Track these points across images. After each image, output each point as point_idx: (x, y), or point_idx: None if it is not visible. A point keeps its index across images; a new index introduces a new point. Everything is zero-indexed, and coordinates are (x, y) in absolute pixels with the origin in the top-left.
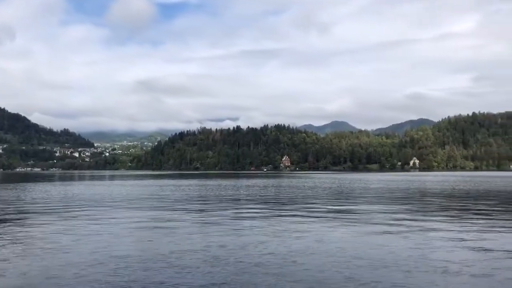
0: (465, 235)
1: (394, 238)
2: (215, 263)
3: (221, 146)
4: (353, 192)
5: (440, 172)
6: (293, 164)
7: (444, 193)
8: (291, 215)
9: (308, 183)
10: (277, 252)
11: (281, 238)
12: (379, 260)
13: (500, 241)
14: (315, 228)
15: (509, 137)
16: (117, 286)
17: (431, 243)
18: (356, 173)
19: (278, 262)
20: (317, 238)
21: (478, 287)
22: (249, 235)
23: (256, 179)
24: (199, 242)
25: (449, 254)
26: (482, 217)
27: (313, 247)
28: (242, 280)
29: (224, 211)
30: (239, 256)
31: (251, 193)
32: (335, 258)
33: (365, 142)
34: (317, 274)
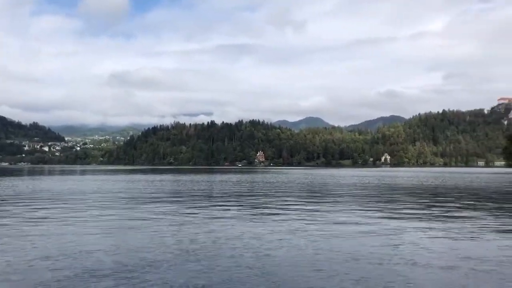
0: (434, 229)
1: (365, 231)
2: (187, 257)
3: (195, 141)
4: (325, 187)
5: (411, 168)
6: (267, 160)
7: (413, 189)
8: (264, 210)
9: (282, 179)
10: (250, 246)
11: (254, 232)
12: (350, 253)
13: (467, 235)
14: (288, 222)
15: (477, 134)
16: (87, 281)
17: (401, 236)
18: (329, 169)
19: (251, 256)
20: (290, 231)
21: (445, 278)
22: (222, 230)
23: (230, 174)
24: (171, 237)
25: (418, 247)
26: (450, 212)
27: (285, 241)
28: (215, 273)
29: (197, 206)
30: (211, 250)
31: (225, 188)
32: (307, 251)
33: (338, 138)
34: (289, 267)
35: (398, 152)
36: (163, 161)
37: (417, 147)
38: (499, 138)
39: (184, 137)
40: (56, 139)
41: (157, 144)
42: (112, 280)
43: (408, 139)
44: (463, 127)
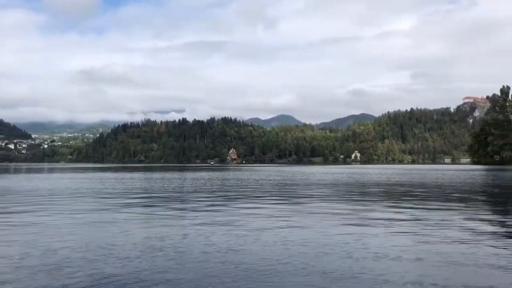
0: (402, 224)
1: (334, 226)
2: (156, 253)
3: (166, 139)
4: (296, 184)
5: (380, 165)
6: (239, 157)
7: (381, 185)
8: (235, 207)
9: (254, 176)
10: (220, 242)
11: (224, 228)
12: (319, 247)
13: (433, 228)
14: (257, 218)
15: (443, 132)
16: (54, 278)
17: (370, 231)
18: (301, 166)
19: (221, 251)
20: (259, 227)
21: (415, 269)
22: (192, 227)
23: (202, 172)
24: (140, 234)
25: (388, 241)
26: (417, 207)
27: (255, 236)
28: (183, 268)
29: (167, 204)
30: (180, 246)
31: (196, 185)
32: (275, 246)
33: (309, 136)
34: (258, 261)
35: (368, 150)
36: (134, 158)
37: (386, 144)
38: (464, 136)
39: (155, 135)
40: (22, 137)
41: (127, 142)
42: (78, 277)
43: (378, 137)
44: (430, 125)
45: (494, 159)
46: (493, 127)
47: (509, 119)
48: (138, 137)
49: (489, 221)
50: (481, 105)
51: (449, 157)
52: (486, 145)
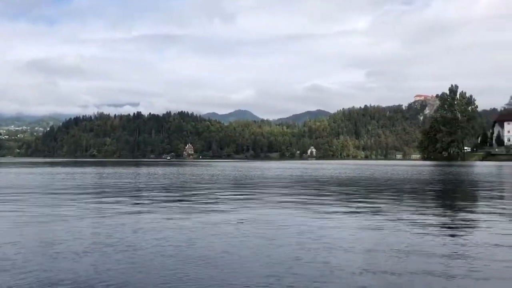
0: (354, 216)
1: (289, 218)
2: (105, 249)
3: (120, 133)
4: (251, 179)
5: (334, 161)
6: (196, 152)
7: (335, 179)
8: (189, 202)
9: (209, 171)
10: (172, 236)
11: (178, 223)
12: (272, 239)
13: (384, 220)
14: (212, 212)
15: (395, 129)
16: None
17: (323, 223)
18: (258, 161)
19: (174, 245)
20: (214, 222)
21: (365, 258)
22: (144, 222)
23: (157, 167)
24: (89, 230)
25: (340, 233)
26: (367, 200)
27: (208, 230)
28: (135, 263)
29: (119, 200)
30: (131, 241)
31: (151, 181)
32: (228, 238)
33: (267, 132)
34: (209, 253)
35: (323, 145)
36: (86, 153)
37: (341, 140)
38: (415, 132)
39: (109, 129)
40: None
41: (80, 136)
42: (20, 274)
43: (333, 133)
44: (383, 122)
45: (442, 155)
46: (442, 124)
47: (457, 117)
48: (90, 131)
49: (434, 213)
50: (431, 103)
51: (400, 153)
52: (435, 141)
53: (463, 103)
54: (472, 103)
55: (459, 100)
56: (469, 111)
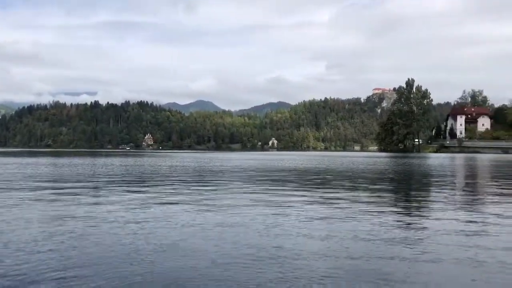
0: (311, 206)
1: (247, 210)
2: (51, 241)
3: (77, 122)
4: (211, 170)
5: (295, 152)
6: (156, 143)
7: (296, 170)
8: (146, 194)
9: (168, 162)
10: (129, 226)
11: (133, 213)
12: (235, 228)
13: (341, 208)
14: (166, 203)
15: (354, 121)
16: None
17: (283, 212)
18: (219, 152)
19: (130, 233)
20: (174, 212)
21: (324, 244)
22: (97, 214)
23: (115, 157)
24: (36, 222)
25: (299, 221)
26: (323, 190)
27: (170, 220)
28: (81, 255)
29: (73, 190)
30: (80, 233)
31: (107, 172)
32: (182, 230)
33: (228, 122)
34: (162, 241)
35: (284, 137)
36: (41, 143)
37: (301, 132)
38: (373, 125)
39: (65, 118)
40: None
41: (34, 125)
42: None
43: (294, 125)
44: (342, 114)
45: (398, 147)
46: (398, 117)
47: (412, 110)
48: (45, 120)
49: (389, 201)
50: (388, 96)
51: (358, 145)
52: (392, 134)
53: (419, 96)
54: (427, 96)
55: (415, 93)
56: (425, 105)
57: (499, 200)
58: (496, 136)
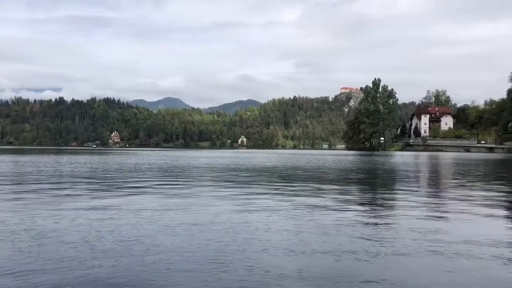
0: (277, 203)
1: (215, 206)
2: (12, 239)
3: (41, 119)
4: (178, 168)
5: (264, 150)
6: (123, 141)
7: (263, 168)
8: (107, 192)
9: (133, 160)
10: (93, 225)
11: (101, 212)
12: (199, 225)
13: (302, 207)
14: (128, 201)
15: (322, 119)
16: None
17: (252, 209)
18: (187, 151)
19: (92, 233)
20: (132, 210)
21: (294, 238)
22: (54, 213)
23: (80, 155)
24: (8, 222)
25: (270, 217)
26: (292, 188)
27: (139, 220)
28: (40, 253)
29: (37, 188)
30: (36, 231)
31: (69, 170)
32: (146, 227)
33: (197, 120)
34: (126, 238)
35: (253, 135)
36: (2, 140)
37: (270, 130)
38: (340, 123)
39: (28, 114)
40: None
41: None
42: None
43: (263, 123)
44: (311, 112)
45: (365, 145)
46: (365, 116)
47: (379, 109)
48: (7, 117)
49: (354, 197)
50: (355, 95)
51: (326, 143)
52: (359, 132)
53: (385, 96)
54: (393, 96)
55: (381, 93)
56: (390, 104)
57: (459, 197)
58: (459, 135)
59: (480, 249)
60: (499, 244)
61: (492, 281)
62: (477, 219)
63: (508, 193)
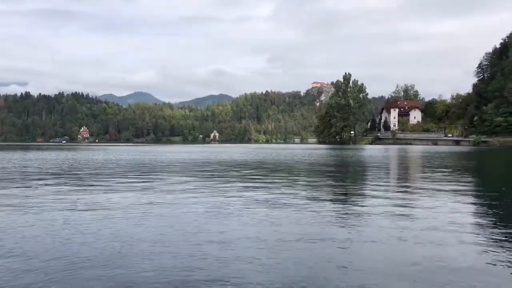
0: (250, 196)
1: (190, 200)
2: None
3: (6, 114)
4: (147, 164)
5: (236, 144)
6: (92, 136)
7: (231, 162)
8: (71, 188)
9: (102, 155)
10: (55, 223)
11: (66, 207)
12: (174, 217)
13: (275, 199)
14: (102, 198)
15: (294, 114)
16: None
17: (227, 203)
18: (158, 145)
19: (66, 227)
20: (100, 205)
21: (263, 230)
22: (28, 206)
23: (46, 151)
24: None
25: (243, 211)
26: (261, 181)
27: (103, 217)
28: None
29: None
30: (5, 226)
31: (40, 166)
32: (120, 221)
33: (168, 115)
34: (100, 232)
35: (226, 129)
36: None
37: (243, 124)
38: (312, 118)
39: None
40: None
41: None
42: None
43: (236, 117)
44: (283, 107)
45: (336, 139)
46: (336, 110)
47: (349, 104)
48: None
49: (327, 189)
50: (326, 90)
51: (298, 137)
52: (330, 126)
53: (356, 90)
54: (363, 90)
55: (352, 87)
56: (361, 98)
57: (425, 187)
58: (426, 128)
59: (443, 235)
60: (460, 230)
61: (452, 265)
62: (442, 207)
63: (471, 183)
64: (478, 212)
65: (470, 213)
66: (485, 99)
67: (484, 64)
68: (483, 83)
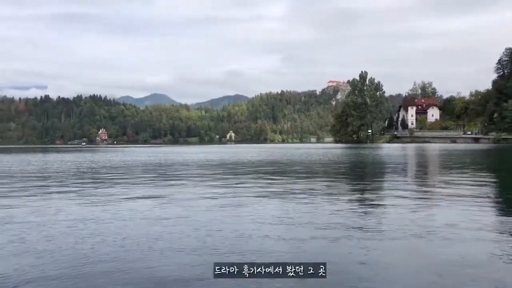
0: (266, 196)
1: (206, 201)
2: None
3: (26, 117)
4: (166, 165)
5: (253, 145)
6: (110, 138)
7: (253, 163)
8: (98, 191)
9: (119, 157)
10: (81, 220)
11: (87, 208)
12: (185, 217)
13: (291, 198)
14: (110, 198)
15: (310, 113)
16: None
17: (241, 202)
18: (176, 147)
19: (79, 230)
20: (131, 208)
21: (280, 229)
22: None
23: (66, 153)
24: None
25: (258, 208)
26: (280, 180)
27: (124, 217)
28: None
29: (24, 189)
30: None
31: (61, 168)
32: (140, 222)
33: (185, 116)
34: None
35: (242, 130)
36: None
37: (259, 124)
38: (328, 117)
39: (13, 113)
40: None
41: None
42: None
43: (251, 117)
44: (298, 106)
45: (353, 138)
46: (353, 109)
47: (366, 102)
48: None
49: (344, 188)
50: (342, 88)
51: (314, 137)
52: (347, 125)
53: (372, 88)
54: (380, 88)
55: (368, 86)
56: (377, 96)
57: (444, 186)
58: (445, 126)
59: (462, 233)
60: (481, 229)
61: (471, 261)
62: (461, 206)
63: (489, 181)
64: (499, 210)
65: (491, 211)
66: (505, 96)
67: (504, 60)
68: (503, 79)
